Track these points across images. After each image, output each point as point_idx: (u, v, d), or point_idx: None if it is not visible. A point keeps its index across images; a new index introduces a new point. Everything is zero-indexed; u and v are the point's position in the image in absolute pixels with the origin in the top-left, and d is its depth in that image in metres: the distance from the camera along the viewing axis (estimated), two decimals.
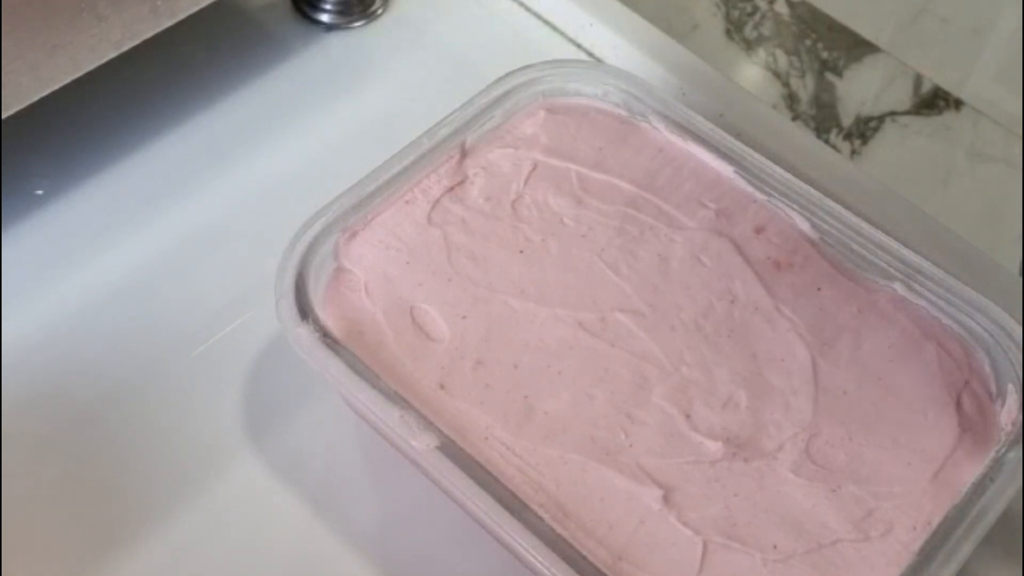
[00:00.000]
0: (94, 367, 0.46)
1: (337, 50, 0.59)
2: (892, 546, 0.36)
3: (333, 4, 0.60)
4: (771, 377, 0.40)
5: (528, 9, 0.60)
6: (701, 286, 0.42)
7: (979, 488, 0.36)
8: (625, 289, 0.42)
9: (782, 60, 1.29)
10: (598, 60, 0.58)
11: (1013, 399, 0.38)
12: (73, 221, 0.51)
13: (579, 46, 0.54)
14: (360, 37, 0.59)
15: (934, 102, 1.27)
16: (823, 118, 1.27)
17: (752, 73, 1.29)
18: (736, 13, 1.32)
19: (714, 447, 0.38)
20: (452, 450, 0.36)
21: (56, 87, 0.46)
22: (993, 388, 0.40)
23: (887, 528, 0.36)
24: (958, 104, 1.26)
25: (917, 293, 0.41)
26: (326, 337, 0.38)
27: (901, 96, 1.27)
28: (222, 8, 0.57)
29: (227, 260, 0.50)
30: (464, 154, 0.45)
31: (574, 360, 0.40)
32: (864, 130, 1.25)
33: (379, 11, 0.60)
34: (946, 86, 1.26)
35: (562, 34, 0.60)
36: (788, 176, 0.44)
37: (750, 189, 0.44)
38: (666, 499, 0.36)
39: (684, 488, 0.37)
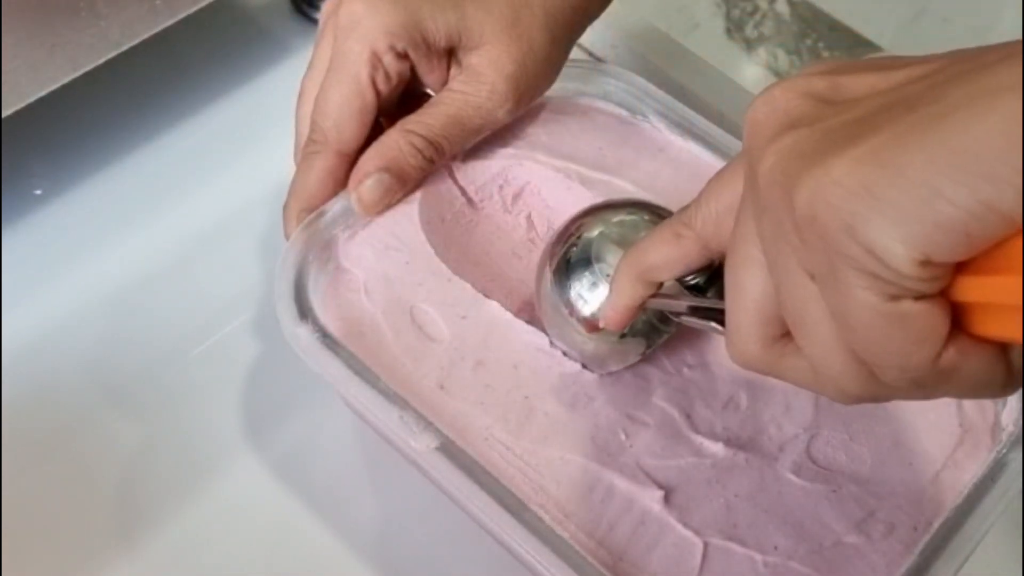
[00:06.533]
0: (94, 367, 0.46)
1: None
2: (893, 547, 0.36)
3: None
4: (772, 378, 0.39)
5: None
6: None
7: (980, 489, 0.36)
8: None
9: (783, 59, 1.29)
10: (598, 60, 0.58)
11: (1014, 399, 0.38)
12: (72, 221, 0.51)
13: (579, 46, 0.54)
14: None
15: None
16: None
17: (753, 72, 1.29)
18: (737, 12, 1.32)
19: (714, 448, 0.38)
20: (452, 451, 0.36)
21: (55, 86, 0.46)
22: None
23: (888, 529, 0.36)
24: None
25: None
26: (325, 337, 0.38)
27: None
28: (221, 7, 0.57)
29: (227, 260, 0.50)
30: (464, 153, 0.44)
31: (574, 360, 0.39)
32: None
33: None
34: None
35: None
36: None
37: None
38: (666, 500, 0.36)
39: (684, 489, 0.37)
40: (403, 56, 0.40)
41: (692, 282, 0.33)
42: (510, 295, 0.42)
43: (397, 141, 0.40)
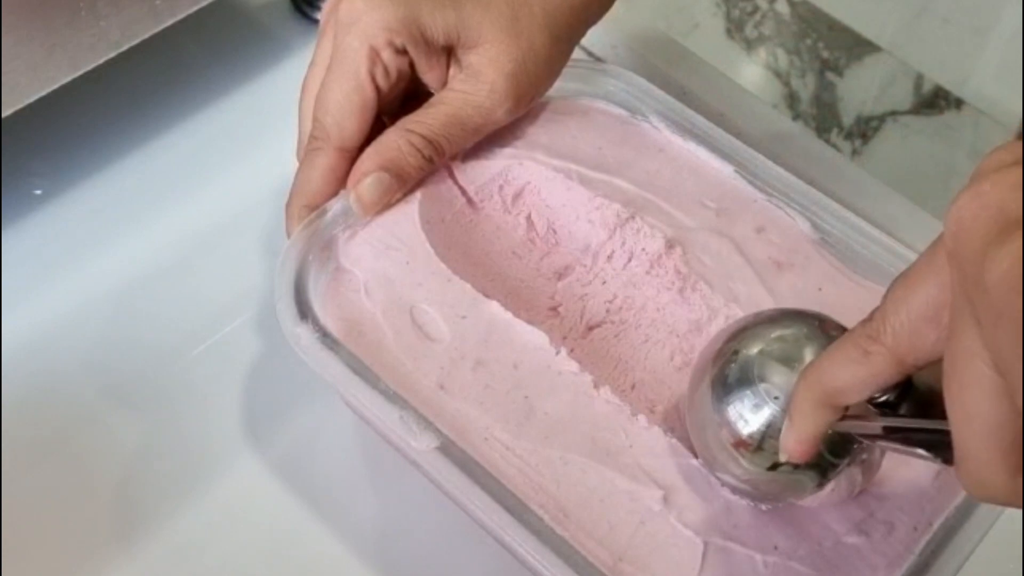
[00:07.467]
0: (94, 367, 0.46)
1: None
2: (893, 547, 0.36)
3: None
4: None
5: None
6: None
7: None
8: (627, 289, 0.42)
9: (783, 59, 1.29)
10: (598, 60, 0.58)
11: None
12: (72, 221, 0.51)
13: (579, 46, 0.54)
14: None
15: (935, 101, 1.27)
16: (824, 117, 1.27)
17: (753, 72, 1.29)
18: (737, 12, 1.32)
19: None
20: (452, 450, 0.36)
21: (55, 87, 0.46)
22: None
23: (888, 529, 0.36)
24: (959, 103, 1.26)
25: None
26: (325, 337, 0.38)
27: (902, 95, 1.27)
28: (222, 8, 0.57)
29: (227, 260, 0.50)
30: (464, 153, 0.44)
31: (574, 360, 0.39)
32: (865, 129, 1.26)
33: None
34: (947, 86, 1.26)
35: None
36: (788, 176, 0.44)
37: (750, 189, 0.44)
38: (666, 500, 0.36)
39: (684, 489, 0.37)
40: (402, 52, 0.40)
41: (881, 399, 0.30)
42: (510, 295, 0.42)
43: (396, 140, 0.40)
